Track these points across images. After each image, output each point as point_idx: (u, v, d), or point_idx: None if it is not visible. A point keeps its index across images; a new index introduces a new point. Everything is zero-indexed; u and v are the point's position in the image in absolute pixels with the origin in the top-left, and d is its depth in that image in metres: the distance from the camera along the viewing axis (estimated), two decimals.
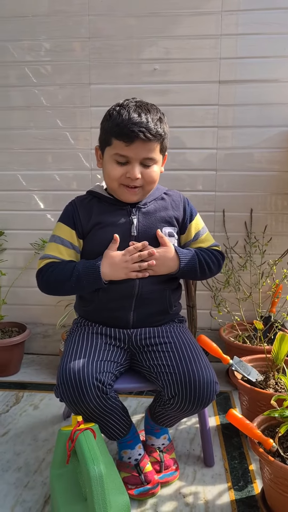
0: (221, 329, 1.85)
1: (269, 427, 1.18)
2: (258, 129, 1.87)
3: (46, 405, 1.66)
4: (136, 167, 1.16)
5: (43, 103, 1.94)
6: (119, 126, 1.13)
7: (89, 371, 1.07)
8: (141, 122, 1.12)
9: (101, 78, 1.90)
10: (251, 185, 1.91)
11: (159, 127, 1.16)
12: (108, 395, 1.09)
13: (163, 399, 1.15)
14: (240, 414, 1.10)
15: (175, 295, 1.31)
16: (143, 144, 1.14)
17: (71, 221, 1.24)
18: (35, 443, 1.42)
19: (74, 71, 1.91)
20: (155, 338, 1.21)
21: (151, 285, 1.22)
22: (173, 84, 1.87)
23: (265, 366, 1.48)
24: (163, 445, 1.28)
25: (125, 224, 1.21)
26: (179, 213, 1.29)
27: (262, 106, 1.85)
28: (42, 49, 1.90)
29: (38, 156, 1.98)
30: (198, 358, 1.13)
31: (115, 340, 1.22)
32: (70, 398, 1.07)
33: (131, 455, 1.21)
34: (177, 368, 1.11)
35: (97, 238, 1.22)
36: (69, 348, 1.17)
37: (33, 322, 2.09)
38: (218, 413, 1.59)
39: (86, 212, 1.24)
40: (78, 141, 1.95)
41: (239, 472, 1.28)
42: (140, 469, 1.19)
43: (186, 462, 1.33)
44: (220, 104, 1.87)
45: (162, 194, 1.29)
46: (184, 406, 1.10)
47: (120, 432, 1.19)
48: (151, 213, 1.24)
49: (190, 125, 1.89)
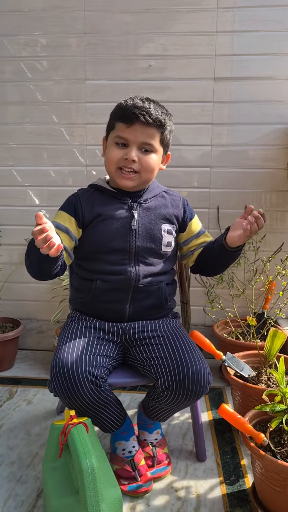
0: (214, 326, 1.86)
1: (261, 422, 1.19)
2: (253, 126, 1.87)
3: (40, 400, 1.66)
4: (134, 149, 1.19)
5: (38, 99, 1.93)
6: (122, 109, 1.20)
7: (82, 365, 1.08)
8: (143, 107, 1.18)
9: (97, 74, 1.89)
10: (245, 182, 1.91)
11: (160, 115, 1.19)
12: (101, 388, 1.10)
13: (157, 391, 1.15)
14: (232, 409, 1.11)
15: (171, 290, 1.32)
16: (143, 127, 1.18)
17: (72, 209, 1.25)
18: (28, 438, 1.42)
19: (70, 67, 1.90)
20: (148, 331, 1.22)
21: (147, 278, 1.23)
22: (169, 81, 1.87)
23: (257, 362, 1.49)
24: (155, 440, 1.29)
25: (126, 218, 1.23)
26: (179, 212, 1.31)
27: (258, 104, 1.85)
28: (38, 44, 1.90)
29: (33, 151, 1.97)
30: (191, 350, 1.14)
31: (108, 335, 1.23)
32: (64, 392, 1.07)
33: (125, 447, 1.22)
34: (170, 360, 1.12)
35: (97, 229, 1.23)
36: (62, 342, 1.17)
37: (27, 317, 2.09)
38: (211, 409, 1.60)
39: (88, 203, 1.25)
40: (73, 137, 1.95)
41: (231, 467, 1.29)
42: (134, 465, 1.20)
43: (179, 457, 1.34)
44: (215, 101, 1.87)
45: (162, 192, 1.32)
46: (178, 398, 1.11)
47: (115, 424, 1.20)
48: (151, 209, 1.27)
49: (186, 122, 1.89)
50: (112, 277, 1.22)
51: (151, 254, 1.25)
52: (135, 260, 1.23)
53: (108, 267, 1.22)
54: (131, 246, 1.22)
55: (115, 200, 1.26)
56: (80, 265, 1.28)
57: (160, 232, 1.26)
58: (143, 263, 1.23)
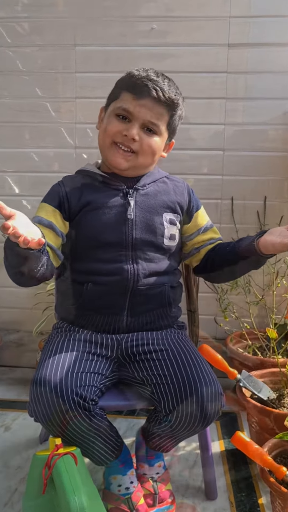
0: (228, 338, 1.86)
1: (282, 453, 1.20)
2: (273, 101, 1.88)
3: (20, 426, 1.66)
4: (136, 127, 1.21)
5: (19, 67, 1.94)
6: (133, 78, 1.22)
7: (68, 384, 1.07)
8: (157, 81, 1.20)
9: (88, 39, 1.90)
10: (264, 168, 1.92)
11: (174, 94, 1.23)
12: (91, 412, 1.09)
13: (159, 416, 1.16)
14: (248, 437, 1.11)
15: (175, 294, 1.32)
16: (152, 103, 1.20)
17: (56, 200, 1.25)
18: (6, 471, 1.43)
19: (57, 30, 1.91)
20: (149, 345, 1.22)
21: (148, 278, 1.24)
22: (174, 47, 1.88)
23: (279, 382, 1.50)
24: (157, 474, 1.29)
25: (120, 206, 1.24)
26: (183, 200, 1.32)
27: (279, 75, 1.86)
28: (18, 3, 1.90)
29: (12, 131, 1.98)
30: (200, 367, 1.14)
31: (100, 349, 1.23)
32: (45, 416, 1.07)
33: (121, 482, 1.21)
34: (176, 379, 1.12)
35: (88, 221, 1.23)
36: (45, 357, 1.17)
37: (5, 328, 2.10)
38: (223, 437, 1.61)
39: (75, 191, 1.26)
40: (61, 114, 1.95)
41: (246, 507, 1.29)
42: (132, 504, 1.20)
43: (184, 494, 1.34)
44: (229, 72, 1.88)
45: (163, 178, 1.33)
46: (184, 424, 1.11)
47: (109, 456, 1.19)
48: (150, 195, 1.28)
49: (194, 96, 1.89)
50: (106, 278, 1.22)
51: (151, 248, 1.25)
52: (133, 256, 1.23)
53: (101, 265, 1.22)
54: (127, 239, 1.22)
55: (108, 187, 1.27)
56: (67, 265, 1.28)
57: (161, 222, 1.26)
58: (142, 259, 1.23)
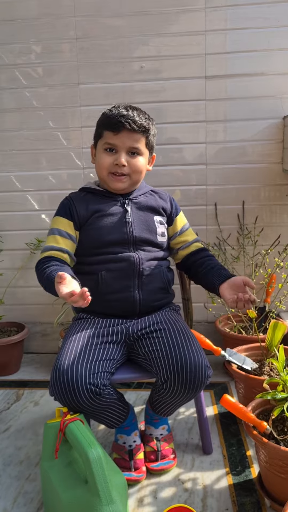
0: (216, 321, 1.88)
1: (264, 412, 1.21)
2: (248, 122, 1.90)
3: (47, 401, 1.68)
4: (123, 155, 1.28)
5: (34, 105, 1.97)
6: (109, 118, 1.29)
7: (82, 373, 1.08)
8: (127, 115, 1.27)
9: (90, 78, 1.93)
10: (243, 177, 1.93)
11: (144, 121, 1.28)
12: (101, 396, 1.10)
13: (158, 385, 1.17)
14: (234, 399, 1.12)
15: (170, 276, 1.38)
16: (129, 134, 1.27)
17: (68, 213, 1.31)
18: (36, 438, 1.45)
19: (64, 72, 1.94)
20: (150, 326, 1.24)
21: (149, 262, 1.30)
22: (162, 81, 1.90)
23: (260, 355, 1.51)
24: (161, 435, 1.31)
25: (120, 213, 1.31)
26: (166, 205, 1.39)
27: (251, 100, 1.88)
28: (32, 51, 1.94)
29: (31, 157, 2.01)
30: (189, 343, 1.16)
31: (111, 336, 1.23)
32: (63, 398, 1.09)
33: (126, 441, 1.25)
34: (169, 353, 1.14)
35: (94, 226, 1.29)
36: (63, 347, 1.18)
37: (31, 321, 2.12)
38: (216, 403, 1.62)
39: (81, 203, 1.32)
40: (70, 141, 1.98)
41: (236, 458, 1.31)
42: (132, 455, 1.23)
43: (185, 450, 1.36)
44: (207, 99, 1.90)
45: (149, 191, 1.41)
46: (177, 390, 1.13)
47: (117, 421, 1.23)
48: (142, 203, 1.35)
49: (181, 121, 1.92)
50: (116, 264, 1.26)
51: (148, 244, 1.31)
52: (134, 248, 1.29)
53: (111, 257, 1.27)
54: (128, 236, 1.29)
55: (108, 199, 1.33)
56: (81, 262, 1.31)
57: (153, 223, 1.33)
58: (142, 250, 1.30)
